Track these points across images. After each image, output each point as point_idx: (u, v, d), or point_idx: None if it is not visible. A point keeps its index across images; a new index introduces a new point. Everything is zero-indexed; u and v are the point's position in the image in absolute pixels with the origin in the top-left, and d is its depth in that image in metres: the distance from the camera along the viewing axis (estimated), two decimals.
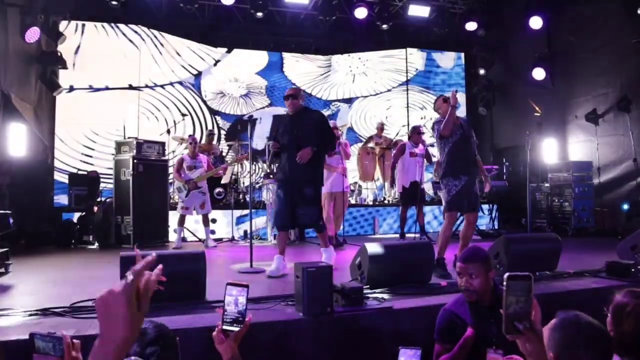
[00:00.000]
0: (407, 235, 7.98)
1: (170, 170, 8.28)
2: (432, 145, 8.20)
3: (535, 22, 9.96)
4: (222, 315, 1.63)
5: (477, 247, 2.98)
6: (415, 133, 8.00)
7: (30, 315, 3.26)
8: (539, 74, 10.08)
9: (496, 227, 9.66)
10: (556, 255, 4.73)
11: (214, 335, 1.65)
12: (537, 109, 8.24)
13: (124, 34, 10.69)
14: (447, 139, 5.05)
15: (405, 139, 9.93)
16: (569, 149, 10.00)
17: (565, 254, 4.88)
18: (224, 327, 1.62)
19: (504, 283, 1.37)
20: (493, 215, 9.73)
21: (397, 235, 8.01)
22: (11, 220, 5.21)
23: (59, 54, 9.06)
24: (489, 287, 2.73)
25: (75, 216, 8.11)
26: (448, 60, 12.93)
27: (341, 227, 7.61)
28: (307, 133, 5.09)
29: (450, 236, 5.15)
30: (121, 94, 10.57)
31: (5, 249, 4.74)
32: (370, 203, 10.09)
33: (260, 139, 10.50)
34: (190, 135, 8.29)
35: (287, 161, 5.13)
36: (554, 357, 1.53)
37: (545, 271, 4.64)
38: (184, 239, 7.75)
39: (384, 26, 11.11)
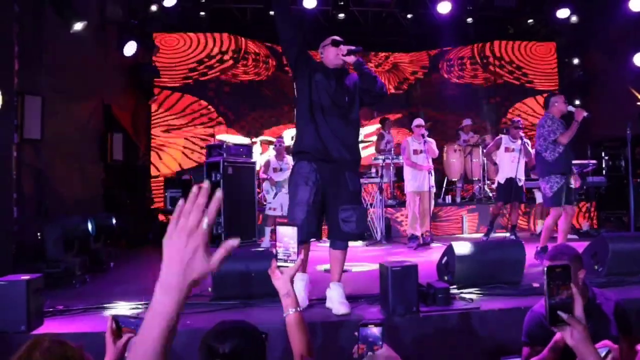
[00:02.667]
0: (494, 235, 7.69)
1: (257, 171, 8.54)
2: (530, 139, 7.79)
3: (636, 4, 9.23)
4: (275, 254, 1.79)
5: (565, 244, 2.84)
6: (513, 127, 7.50)
7: (132, 308, 3.50)
8: None
9: (595, 226, 9.09)
10: None
11: (269, 271, 1.81)
12: (639, 97, 7.66)
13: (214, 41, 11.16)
14: None
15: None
16: None
17: None
18: (278, 264, 1.78)
19: (544, 275, 1.38)
20: (591, 213, 9.17)
21: (484, 234, 7.72)
22: (113, 221, 5.62)
23: (153, 64, 9.64)
24: (578, 286, 2.58)
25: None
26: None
27: (428, 226, 7.50)
28: (352, 96, 3.67)
29: (552, 229, 5.58)
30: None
31: (108, 248, 5.13)
32: (458, 202, 9.84)
33: None
34: (277, 138, 8.51)
35: (324, 129, 3.53)
36: None
37: None
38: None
39: (469, 20, 10.83)
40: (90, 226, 5.05)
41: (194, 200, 0.97)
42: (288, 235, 1.77)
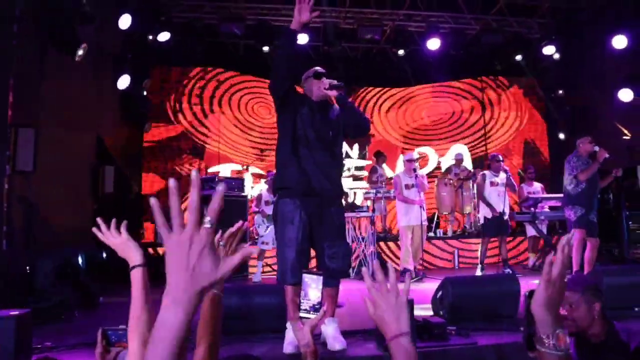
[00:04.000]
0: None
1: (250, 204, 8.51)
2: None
3: (619, 42, 9.46)
4: (298, 304, 1.69)
5: (581, 275, 2.78)
6: (495, 161, 7.67)
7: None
8: (625, 95, 9.51)
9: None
10: None
11: (290, 320, 1.69)
12: (625, 131, 7.79)
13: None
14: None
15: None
16: None
17: None
18: (301, 314, 1.67)
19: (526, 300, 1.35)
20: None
21: (478, 268, 7.68)
22: (104, 254, 5.56)
23: (145, 96, 9.71)
24: (592, 320, 2.45)
25: (162, 250, 8.49)
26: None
27: (420, 260, 7.47)
28: (336, 132, 3.64)
29: (580, 252, 5.70)
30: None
31: (98, 282, 5.06)
32: (450, 235, 9.83)
33: None
34: (269, 172, 8.52)
35: (307, 162, 3.47)
36: None
37: None
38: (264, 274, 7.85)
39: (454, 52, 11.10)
40: (80, 260, 4.98)
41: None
42: (312, 282, 1.67)
